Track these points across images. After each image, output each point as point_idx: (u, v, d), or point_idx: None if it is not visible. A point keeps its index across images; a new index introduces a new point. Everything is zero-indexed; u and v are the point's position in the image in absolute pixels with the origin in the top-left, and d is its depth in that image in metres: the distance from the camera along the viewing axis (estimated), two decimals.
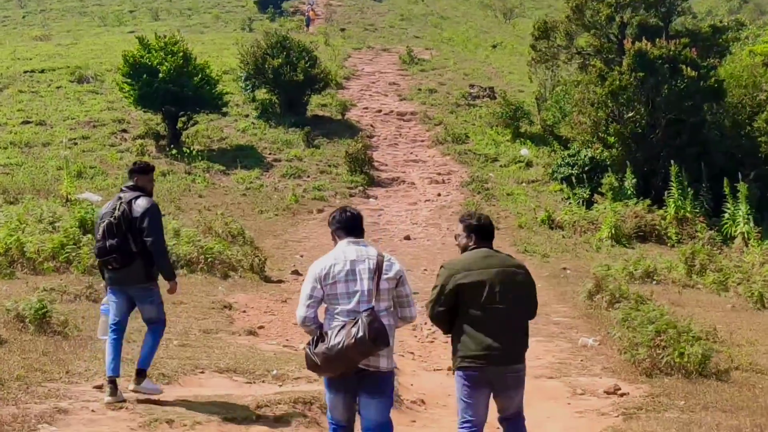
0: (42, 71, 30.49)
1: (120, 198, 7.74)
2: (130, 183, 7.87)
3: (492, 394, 6.33)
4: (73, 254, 15.30)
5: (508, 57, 37.70)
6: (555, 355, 12.08)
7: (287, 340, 12.15)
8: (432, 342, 12.95)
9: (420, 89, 32.13)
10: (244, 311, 13.89)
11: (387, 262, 5.92)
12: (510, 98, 29.02)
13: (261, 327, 12.69)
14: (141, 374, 7.99)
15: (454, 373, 6.44)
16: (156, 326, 8.12)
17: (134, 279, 7.81)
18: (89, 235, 16.69)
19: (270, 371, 9.83)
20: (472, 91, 31.38)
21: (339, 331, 5.66)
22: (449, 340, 11.34)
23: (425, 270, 18.15)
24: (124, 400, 7.82)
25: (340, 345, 5.61)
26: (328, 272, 5.85)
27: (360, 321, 5.63)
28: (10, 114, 26.58)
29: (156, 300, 8.05)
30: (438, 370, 11.54)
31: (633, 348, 11.63)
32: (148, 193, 7.95)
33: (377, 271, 5.81)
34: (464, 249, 6.43)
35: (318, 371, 5.89)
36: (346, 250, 5.95)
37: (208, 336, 11.61)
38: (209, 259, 16.08)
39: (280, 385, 9.40)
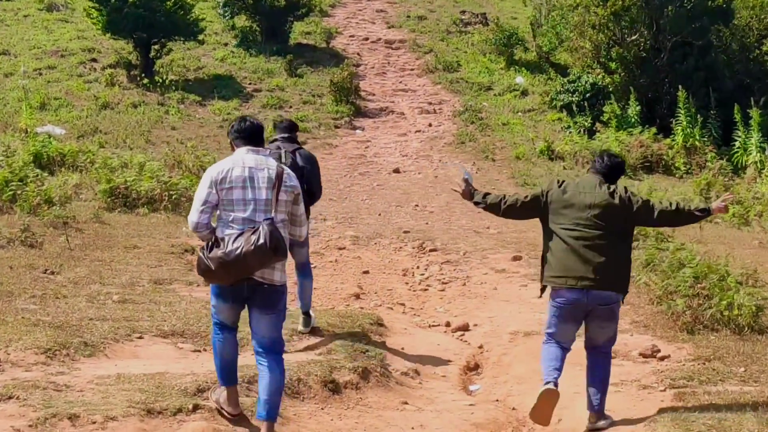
0: None
1: (279, 148, 7.84)
2: (284, 135, 8.06)
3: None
4: (19, 192, 12.94)
5: None
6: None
7: None
8: (426, 290, 10.71)
9: (409, 16, 29.47)
10: None
11: (287, 174, 5.62)
12: (503, 24, 26.41)
13: None
14: (308, 315, 8.00)
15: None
16: (307, 269, 8.15)
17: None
18: (39, 171, 14.37)
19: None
20: (463, 17, 28.77)
21: (238, 237, 5.34)
22: (444, 288, 10.44)
23: (416, 206, 15.86)
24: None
25: (239, 251, 5.28)
26: (225, 176, 5.50)
27: (261, 228, 5.32)
28: None
29: (308, 243, 8.07)
30: (434, 326, 9.30)
31: (667, 297, 9.41)
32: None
33: (277, 180, 5.50)
34: None
35: (210, 277, 5.50)
36: (245, 157, 5.60)
37: (158, 288, 9.34)
38: (174, 197, 13.73)
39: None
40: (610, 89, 21.52)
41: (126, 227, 12.31)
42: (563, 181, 6.30)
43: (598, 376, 6.21)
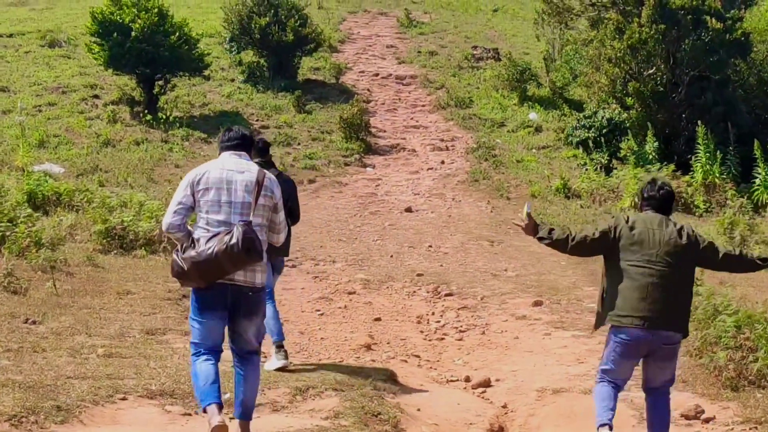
0: (10, 35, 27.07)
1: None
2: (262, 159, 7.69)
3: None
4: (8, 233, 12.14)
5: (510, 21, 34.31)
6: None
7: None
8: (442, 339, 9.82)
9: (420, 52, 28.81)
10: None
11: (268, 180, 5.51)
12: (516, 60, 25.69)
13: None
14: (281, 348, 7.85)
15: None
16: (271, 295, 7.89)
17: (283, 250, 7.59)
18: (31, 212, 13.57)
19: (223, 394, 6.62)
20: (475, 52, 28.07)
21: (211, 238, 5.26)
22: (462, 337, 9.68)
23: (430, 247, 14.99)
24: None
25: (210, 251, 5.21)
26: (201, 178, 5.44)
27: (235, 230, 5.25)
28: None
29: (282, 269, 8.38)
30: (453, 381, 8.38)
31: (706, 349, 8.50)
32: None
33: (257, 185, 5.41)
34: None
35: (184, 279, 5.44)
36: (225, 160, 5.56)
37: (149, 339, 8.46)
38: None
39: (231, 419, 6.21)
40: (627, 125, 20.68)
41: (121, 271, 11.49)
42: (628, 217, 6.09)
43: (663, 418, 6.04)
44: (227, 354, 5.85)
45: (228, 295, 5.35)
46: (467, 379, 8.33)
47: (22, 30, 27.68)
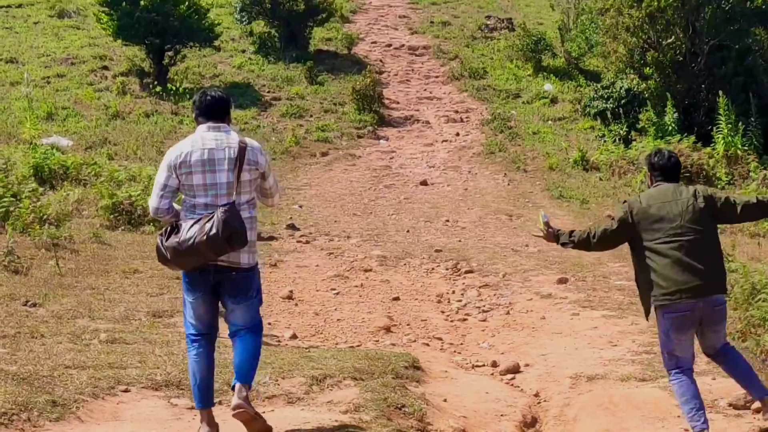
0: (19, 6, 26.29)
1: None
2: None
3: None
4: (12, 209, 11.54)
5: None
6: (635, 338, 8.24)
7: (269, 324, 8.37)
8: (464, 320, 9.15)
9: (432, 22, 27.94)
10: None
11: (250, 150, 5.13)
12: (530, 30, 24.83)
13: None
14: None
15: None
16: None
17: None
18: (36, 186, 12.97)
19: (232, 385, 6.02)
20: (488, 22, 27.19)
21: (192, 225, 4.94)
22: (486, 317, 9.24)
23: (447, 221, 14.32)
24: None
25: (191, 241, 4.91)
26: (184, 160, 5.07)
27: (215, 217, 4.91)
28: None
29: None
30: (479, 366, 7.73)
31: (750, 332, 7.85)
32: None
33: (238, 160, 5.06)
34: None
35: (168, 265, 5.26)
36: (204, 136, 5.16)
37: (156, 323, 7.84)
38: None
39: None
40: (646, 95, 19.88)
41: (128, 248, 10.87)
42: (641, 198, 5.87)
43: (742, 366, 5.81)
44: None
45: (210, 275, 5.11)
46: (494, 365, 7.69)
47: (31, 0, 26.91)
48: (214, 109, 5.23)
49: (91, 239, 11.03)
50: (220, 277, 5.10)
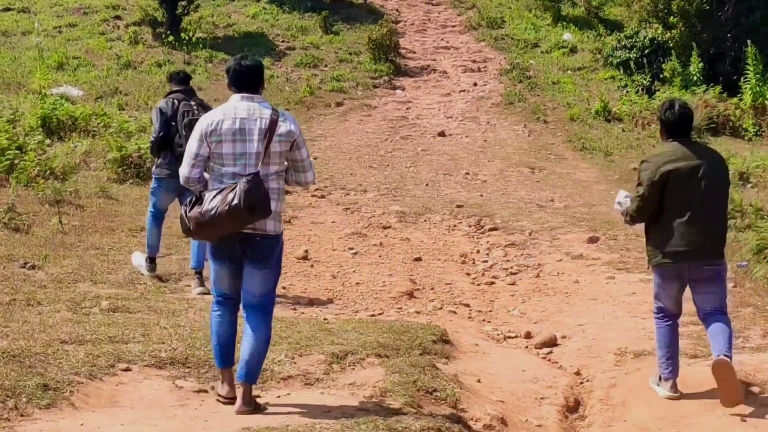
0: None
1: (186, 100, 7.56)
2: (186, 87, 7.75)
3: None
4: (17, 161, 10.79)
5: None
6: None
7: (284, 288, 7.59)
8: (492, 284, 8.36)
9: None
10: None
11: (282, 121, 4.91)
12: None
13: None
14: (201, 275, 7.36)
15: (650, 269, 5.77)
16: None
17: None
18: (42, 138, 12.19)
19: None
20: None
21: (216, 195, 4.76)
22: (514, 281, 8.58)
23: (467, 174, 13.49)
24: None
25: (213, 211, 4.73)
26: (215, 128, 4.88)
27: (238, 187, 4.72)
28: None
29: None
30: (511, 337, 6.94)
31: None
32: None
33: (269, 131, 4.85)
34: None
35: (192, 236, 5.20)
36: (237, 106, 4.93)
37: (162, 288, 7.07)
38: None
39: (258, 399, 4.88)
40: (671, 45, 18.83)
41: (136, 203, 10.10)
42: (656, 158, 5.56)
43: (725, 330, 5.37)
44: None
45: (236, 243, 4.89)
46: (528, 336, 6.91)
47: None
48: (247, 79, 4.97)
49: (98, 193, 10.29)
50: (246, 242, 4.89)
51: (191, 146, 4.94)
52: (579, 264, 8.92)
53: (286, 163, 5.00)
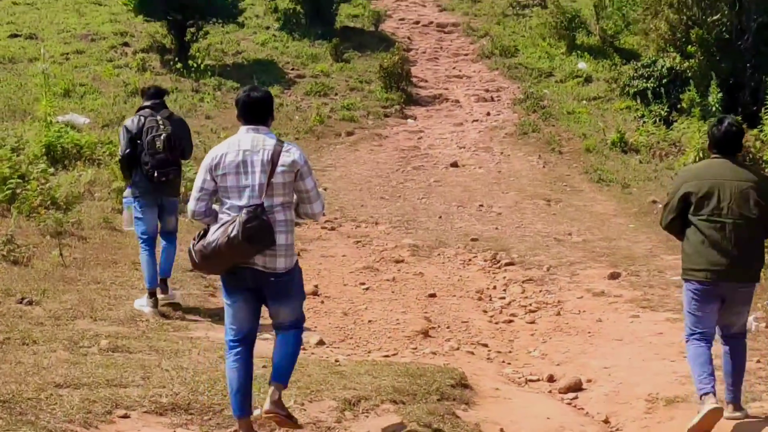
0: None
1: (153, 115, 7.62)
2: (155, 101, 7.74)
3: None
4: (19, 191, 10.55)
5: None
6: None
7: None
8: (510, 322, 8.03)
9: None
10: None
11: (285, 152, 4.89)
12: (564, 6, 23.51)
13: None
14: (165, 283, 7.64)
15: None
16: (174, 237, 7.91)
17: (175, 191, 7.85)
18: (45, 166, 11.97)
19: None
20: None
21: (219, 228, 4.81)
22: (534, 318, 8.36)
23: (481, 206, 13.22)
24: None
25: (215, 243, 4.77)
26: (219, 162, 4.88)
27: (237, 219, 4.75)
28: None
29: (178, 210, 8.03)
30: (533, 381, 6.60)
31: None
32: None
33: (271, 162, 4.83)
34: None
35: (199, 269, 5.27)
36: (242, 138, 4.95)
37: (165, 326, 6.77)
38: None
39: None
40: (689, 74, 18.57)
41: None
42: (694, 170, 5.72)
43: (738, 362, 5.58)
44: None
45: (248, 278, 4.85)
46: (551, 379, 6.59)
47: None
48: (254, 111, 4.96)
49: (101, 224, 10.02)
50: (260, 282, 4.87)
51: (197, 180, 4.94)
52: (601, 301, 8.59)
53: (294, 194, 4.95)
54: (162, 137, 7.43)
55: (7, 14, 22.53)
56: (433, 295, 8.73)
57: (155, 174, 7.40)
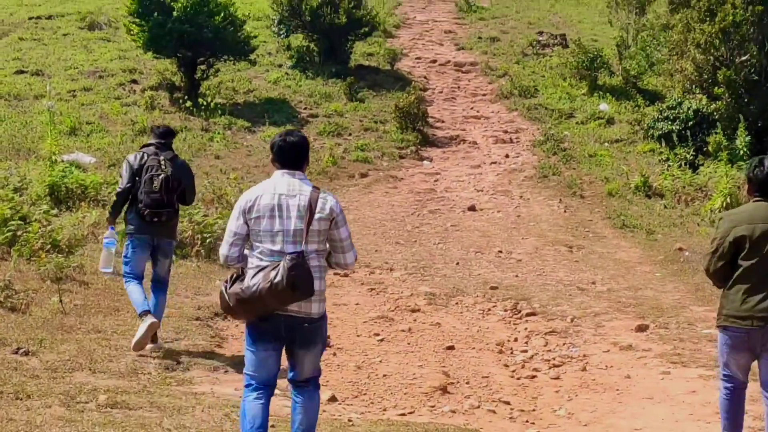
0: (49, 17, 25.40)
1: (157, 154, 7.62)
2: (160, 141, 7.72)
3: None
4: (20, 233, 10.42)
5: (575, 7, 31.97)
6: (749, 409, 6.75)
7: None
8: (533, 377, 7.77)
9: (480, 38, 26.66)
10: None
11: (321, 199, 4.98)
12: (586, 46, 23.44)
13: None
14: (155, 334, 7.41)
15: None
16: (165, 285, 7.82)
17: (171, 233, 7.78)
18: (47, 208, 11.86)
19: None
20: (540, 38, 25.83)
21: (257, 272, 4.83)
22: (558, 374, 8.13)
23: (500, 252, 13.00)
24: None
25: (255, 288, 4.79)
26: (253, 205, 4.95)
27: (281, 265, 4.77)
28: (3, 63, 21.55)
29: (173, 255, 8.07)
30: None
31: None
32: None
33: (309, 209, 4.89)
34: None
35: (231, 314, 5.19)
36: (277, 182, 5.01)
37: (168, 379, 6.57)
38: (208, 241, 11.06)
39: None
40: (716, 117, 18.40)
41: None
42: (733, 215, 5.63)
43: None
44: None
45: (282, 326, 4.89)
46: None
47: (61, 12, 26.04)
48: (290, 155, 5.02)
49: None
50: (293, 327, 4.91)
51: (230, 224, 4.99)
52: (629, 356, 8.34)
53: (325, 244, 5.00)
54: (160, 177, 7.45)
55: (13, 50, 22.62)
56: (451, 348, 8.50)
57: (147, 213, 7.44)
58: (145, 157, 7.55)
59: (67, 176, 13.49)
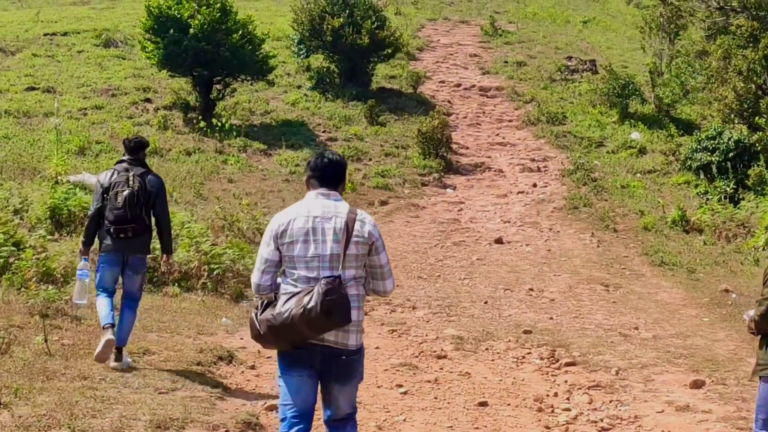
0: (65, 34, 24.72)
1: (128, 170, 7.42)
2: (131, 157, 7.51)
3: None
4: (12, 260, 9.54)
5: (603, 33, 31.11)
6: None
7: None
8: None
9: (506, 62, 25.81)
10: (252, 367, 7.97)
11: (359, 221, 4.71)
12: (617, 72, 22.53)
13: (273, 408, 6.70)
14: (120, 351, 7.25)
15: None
16: (135, 302, 7.61)
17: (139, 248, 7.55)
18: (44, 234, 10.99)
19: None
20: (569, 63, 24.95)
21: (289, 298, 4.59)
22: (613, 425, 7.40)
23: (531, 290, 12.05)
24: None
25: (287, 314, 4.53)
26: (285, 229, 4.70)
27: (315, 290, 4.51)
28: (15, 79, 20.84)
29: (144, 271, 7.82)
30: None
31: None
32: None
33: (346, 232, 4.63)
34: None
35: (262, 342, 4.81)
36: (311, 204, 4.75)
37: None
38: (216, 272, 10.12)
39: None
40: (758, 148, 17.40)
41: (143, 316, 8.69)
42: None
43: None
44: None
45: (317, 357, 4.62)
46: None
47: (77, 29, 25.38)
48: (330, 174, 4.78)
49: None
50: (329, 359, 4.64)
51: (262, 251, 4.73)
52: (687, 419, 7.31)
53: (362, 270, 4.72)
54: (125, 193, 7.28)
55: (26, 66, 21.93)
56: (483, 404, 7.49)
57: (113, 229, 7.30)
58: (115, 174, 7.39)
59: (70, 198, 12.63)
